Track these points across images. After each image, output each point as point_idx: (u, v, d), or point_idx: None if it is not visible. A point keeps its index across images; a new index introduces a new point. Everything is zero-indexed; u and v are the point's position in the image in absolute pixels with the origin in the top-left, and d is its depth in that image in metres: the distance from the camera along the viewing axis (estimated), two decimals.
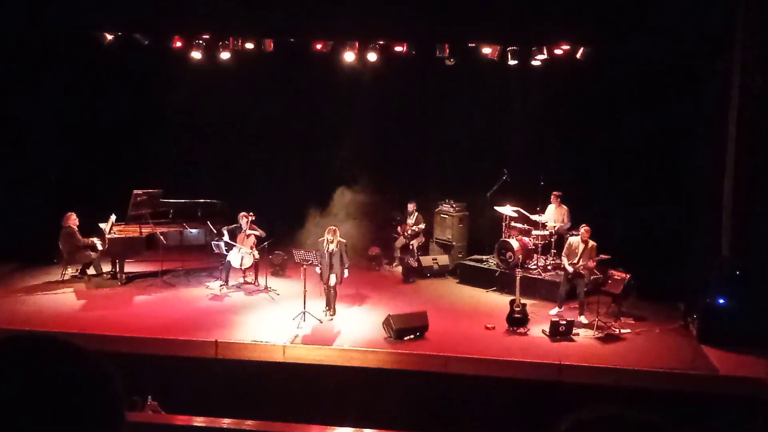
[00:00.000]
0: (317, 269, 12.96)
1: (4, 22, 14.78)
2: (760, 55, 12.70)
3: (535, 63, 15.11)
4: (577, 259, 13.17)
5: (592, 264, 13.08)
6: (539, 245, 14.99)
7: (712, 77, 13.77)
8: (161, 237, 14.80)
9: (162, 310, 13.32)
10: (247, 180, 17.07)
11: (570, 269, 13.13)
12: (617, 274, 13.24)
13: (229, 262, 14.36)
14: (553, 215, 15.05)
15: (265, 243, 14.55)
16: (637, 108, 14.98)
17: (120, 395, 1.58)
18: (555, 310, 13.32)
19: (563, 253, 13.56)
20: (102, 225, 14.85)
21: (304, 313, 12.53)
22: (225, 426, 6.09)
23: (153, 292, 14.24)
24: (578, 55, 14.67)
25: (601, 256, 13.08)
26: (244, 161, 17.30)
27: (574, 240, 13.43)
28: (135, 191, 14.95)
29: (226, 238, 14.35)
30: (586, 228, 13.35)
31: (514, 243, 14.96)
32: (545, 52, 14.83)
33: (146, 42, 15.46)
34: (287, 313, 12.87)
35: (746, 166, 12.85)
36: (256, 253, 14.40)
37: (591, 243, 13.23)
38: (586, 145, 15.55)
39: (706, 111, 14.08)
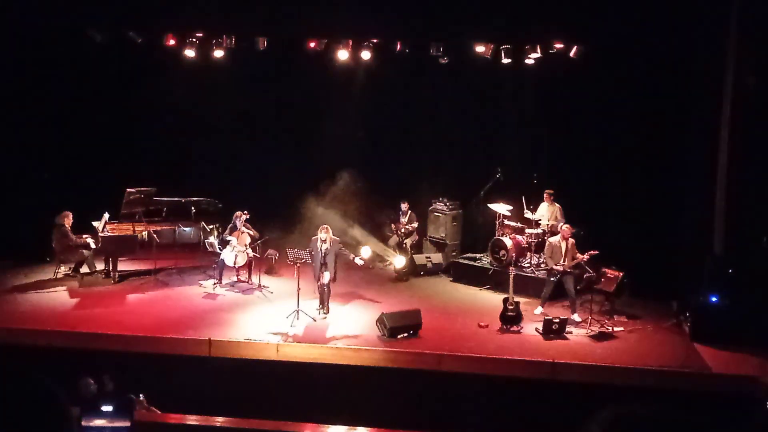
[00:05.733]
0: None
1: None
2: (752, 55, 12.75)
3: (528, 61, 15.12)
4: (562, 258, 13.19)
5: (585, 257, 13.08)
6: (532, 243, 15.01)
7: (705, 76, 13.80)
8: (154, 235, 14.78)
9: (155, 308, 13.30)
10: (240, 178, 17.05)
11: (559, 269, 13.14)
12: (610, 272, 13.27)
13: (222, 260, 14.35)
14: (546, 213, 15.07)
15: (259, 242, 14.56)
16: (630, 107, 15.01)
17: (67, 416, 1.58)
18: (539, 310, 13.35)
19: (546, 255, 13.55)
20: (95, 223, 14.81)
21: (297, 312, 12.53)
22: (218, 424, 6.09)
23: (146, 291, 14.21)
24: (571, 54, 14.68)
25: (591, 252, 13.09)
26: (237, 159, 17.28)
27: (554, 240, 13.44)
28: (128, 189, 14.91)
29: (234, 242, 14.28)
30: (568, 226, 13.41)
31: (508, 241, 14.97)
32: (539, 50, 14.85)
33: (139, 40, 15.42)
34: (281, 311, 12.87)
35: (739, 165, 12.89)
36: (250, 251, 14.39)
37: (571, 240, 13.28)
38: (579, 143, 15.57)
39: (699, 110, 14.12)
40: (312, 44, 15.48)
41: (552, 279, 13.32)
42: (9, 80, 15.49)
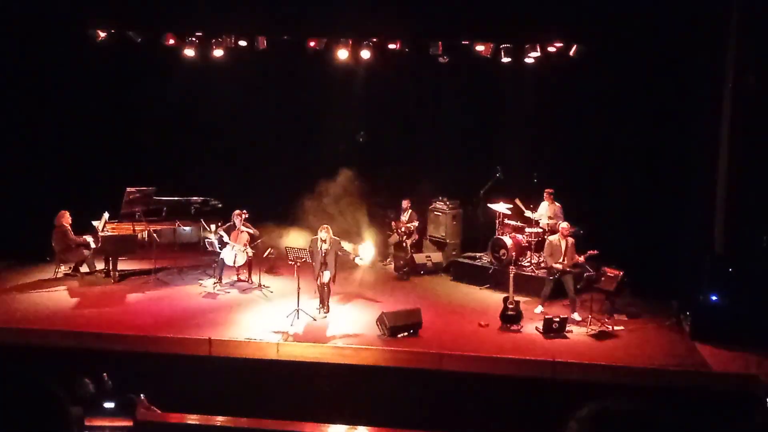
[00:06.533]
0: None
1: None
2: (752, 55, 12.74)
3: (528, 60, 15.13)
4: (562, 257, 13.18)
5: (582, 259, 13.10)
6: (532, 242, 15.01)
7: (705, 76, 13.80)
8: (154, 235, 14.78)
9: (155, 307, 13.29)
10: (240, 177, 17.05)
11: (558, 267, 13.13)
12: (610, 271, 13.26)
13: (222, 259, 14.35)
14: (546, 212, 15.06)
15: (259, 241, 14.56)
16: (630, 106, 15.00)
17: (66, 415, 1.59)
18: (539, 309, 13.35)
19: (546, 254, 13.53)
20: (95, 223, 14.81)
21: (297, 311, 12.53)
22: (218, 424, 6.08)
23: (146, 290, 14.21)
24: (571, 53, 14.69)
25: (590, 251, 13.10)
26: (237, 158, 17.28)
27: (554, 238, 13.43)
28: (128, 189, 14.91)
29: (225, 238, 14.31)
30: (567, 224, 13.41)
31: (508, 240, 14.98)
32: (538, 49, 14.85)
33: (139, 39, 15.42)
34: (281, 310, 12.87)
35: (739, 165, 12.89)
36: (249, 250, 14.39)
37: (570, 239, 13.27)
38: (578, 143, 15.57)
39: (699, 108, 14.11)
40: (312, 43, 15.49)
41: (551, 278, 13.32)
42: (8, 79, 15.48)
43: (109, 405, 5.59)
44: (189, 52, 15.60)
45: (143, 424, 6.01)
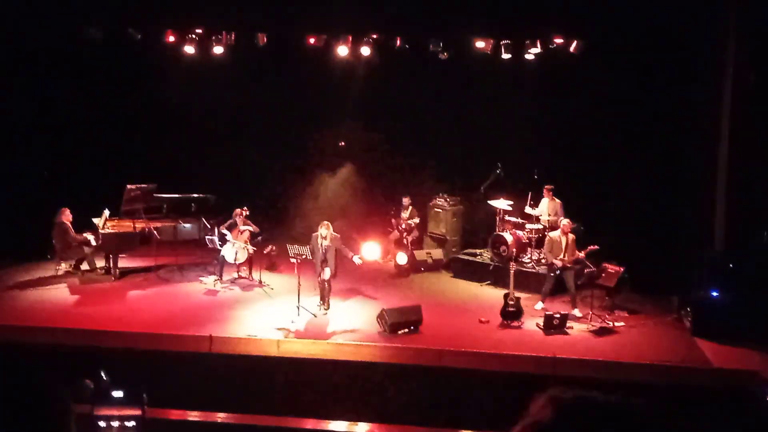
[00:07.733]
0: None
1: None
2: (753, 52, 12.74)
3: (528, 57, 15.11)
4: (562, 253, 13.19)
5: (582, 255, 13.10)
6: (533, 239, 15.02)
7: (706, 73, 13.79)
8: (155, 232, 14.78)
9: (156, 305, 13.30)
10: (240, 174, 17.04)
11: (559, 263, 13.14)
12: (611, 268, 13.26)
13: (223, 256, 14.35)
14: (547, 209, 15.06)
15: (259, 238, 14.56)
16: (630, 102, 14.99)
17: (66, 411, 1.60)
18: (540, 305, 13.34)
19: (546, 250, 13.54)
20: (95, 220, 14.81)
21: (298, 308, 12.53)
22: (219, 420, 6.10)
23: (147, 287, 14.22)
24: (571, 49, 14.68)
25: (591, 247, 13.10)
26: (237, 155, 17.27)
27: (554, 235, 13.43)
28: (128, 186, 14.89)
29: (228, 237, 14.30)
30: (568, 221, 13.41)
31: (508, 237, 14.98)
32: (539, 45, 14.84)
33: (139, 37, 15.41)
34: (281, 307, 12.87)
35: (739, 160, 12.90)
36: (250, 247, 14.39)
37: (571, 236, 13.27)
38: (579, 139, 15.56)
39: (699, 105, 14.11)
40: (312, 40, 15.47)
41: (552, 274, 13.32)
42: (8, 78, 15.48)
43: (117, 394, 5.59)
44: (189, 49, 15.59)
45: (145, 420, 6.03)
